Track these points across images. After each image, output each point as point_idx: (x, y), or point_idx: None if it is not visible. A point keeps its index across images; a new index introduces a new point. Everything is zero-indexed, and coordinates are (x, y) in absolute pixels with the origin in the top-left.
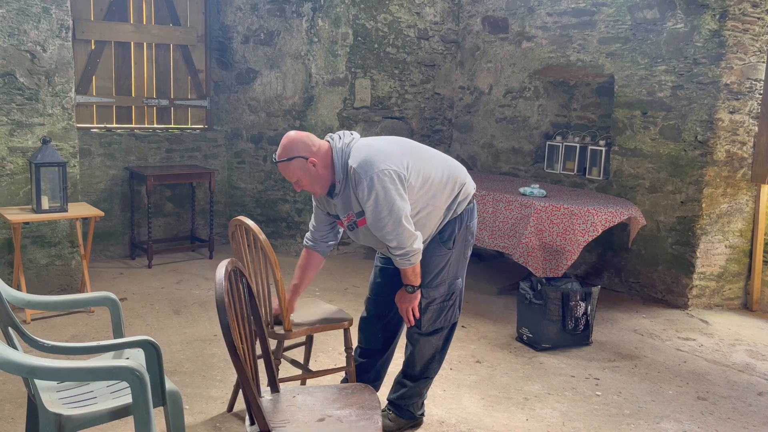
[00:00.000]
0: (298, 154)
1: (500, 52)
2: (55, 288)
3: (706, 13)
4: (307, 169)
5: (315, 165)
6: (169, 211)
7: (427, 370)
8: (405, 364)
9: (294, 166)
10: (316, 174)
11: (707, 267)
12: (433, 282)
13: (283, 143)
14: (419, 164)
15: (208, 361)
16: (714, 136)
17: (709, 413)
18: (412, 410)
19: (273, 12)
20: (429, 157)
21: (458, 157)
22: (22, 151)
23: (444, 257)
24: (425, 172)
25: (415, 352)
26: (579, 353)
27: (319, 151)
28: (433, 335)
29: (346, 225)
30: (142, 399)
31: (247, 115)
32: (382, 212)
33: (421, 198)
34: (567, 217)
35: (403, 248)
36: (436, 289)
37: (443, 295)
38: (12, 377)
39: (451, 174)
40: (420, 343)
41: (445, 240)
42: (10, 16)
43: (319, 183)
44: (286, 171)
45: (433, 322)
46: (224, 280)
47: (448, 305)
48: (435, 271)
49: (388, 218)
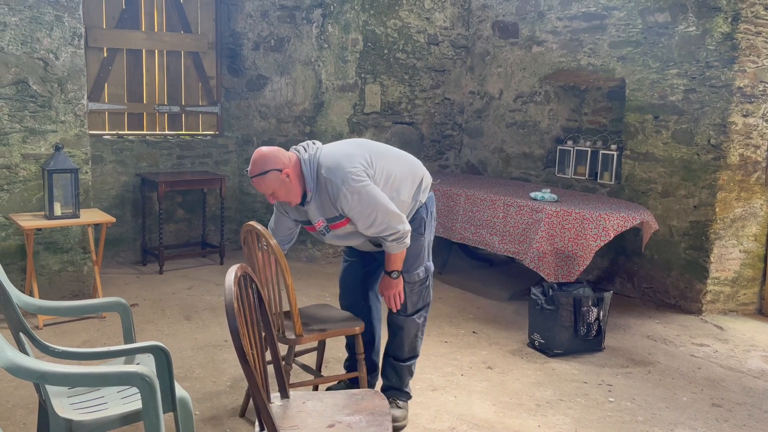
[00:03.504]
0: (273, 167)
1: (510, 57)
2: (67, 294)
3: (718, 16)
4: (281, 181)
5: (288, 176)
6: (180, 217)
7: (414, 348)
8: (392, 350)
9: (269, 179)
10: (290, 185)
11: (721, 272)
12: (412, 267)
13: (255, 159)
14: (381, 162)
15: (219, 366)
16: (727, 140)
17: (724, 420)
18: (408, 390)
19: (283, 18)
20: (387, 155)
21: (468, 162)
22: (35, 158)
23: (419, 243)
24: (387, 169)
25: (403, 335)
26: (591, 359)
27: (291, 162)
28: (416, 315)
29: (318, 230)
30: (152, 405)
31: (258, 121)
32: (368, 208)
33: (387, 193)
34: (578, 222)
35: (396, 231)
36: (416, 274)
37: (422, 279)
38: (23, 383)
39: (410, 167)
40: (406, 325)
41: (416, 227)
42: (23, 24)
43: (293, 193)
44: (260, 184)
45: (415, 304)
46: (234, 286)
47: (425, 286)
48: (414, 258)
49: (376, 211)
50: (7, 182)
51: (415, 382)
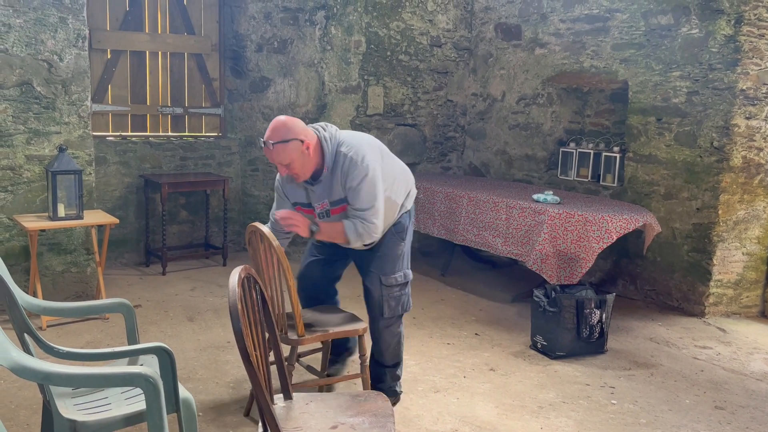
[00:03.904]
0: (295, 136)
1: (513, 59)
2: (71, 295)
3: (721, 18)
4: (301, 152)
5: (308, 149)
6: (183, 218)
7: (397, 355)
8: (377, 355)
9: (290, 148)
10: (308, 158)
11: (724, 274)
12: (391, 270)
13: (276, 126)
14: (388, 161)
15: (222, 368)
16: (730, 142)
17: (727, 423)
18: (396, 389)
19: (286, 20)
20: (392, 158)
21: (471, 164)
22: (39, 159)
23: (400, 248)
24: (391, 170)
25: (381, 344)
26: (594, 361)
27: (310, 137)
28: (393, 324)
29: (318, 212)
30: (155, 405)
31: (261, 122)
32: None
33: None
34: (581, 224)
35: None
36: (394, 278)
37: (401, 284)
38: (27, 383)
39: (405, 175)
40: (383, 335)
41: (399, 231)
42: (28, 26)
43: (308, 167)
44: (280, 153)
45: (393, 309)
46: (237, 287)
47: (404, 293)
48: (394, 261)
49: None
50: (11, 183)
51: (417, 384)
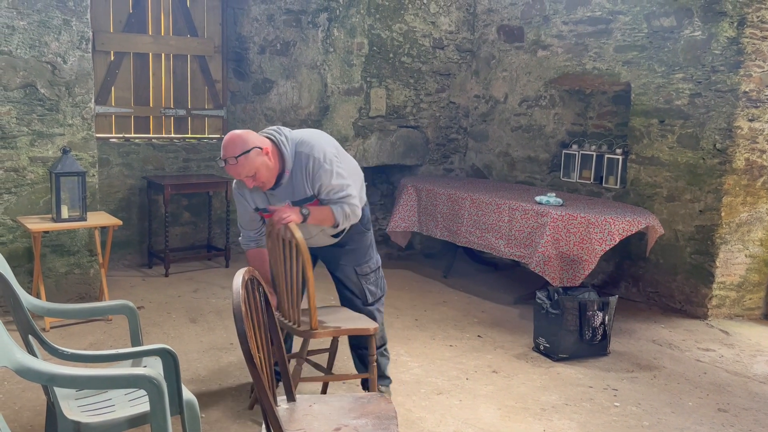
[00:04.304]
0: (254, 144)
1: (516, 61)
2: (74, 296)
3: (723, 20)
4: (263, 160)
5: (268, 154)
6: (186, 220)
7: (382, 337)
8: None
9: (252, 157)
10: (271, 164)
11: (727, 277)
12: (363, 260)
13: (232, 139)
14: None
15: (225, 369)
16: (733, 145)
17: (730, 425)
18: (387, 374)
19: (289, 23)
20: (342, 152)
21: (473, 166)
22: (43, 161)
23: (367, 237)
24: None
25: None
26: (597, 364)
27: (266, 143)
28: (376, 306)
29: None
30: (159, 407)
31: (264, 124)
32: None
33: None
34: (584, 226)
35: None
36: (367, 266)
37: (374, 269)
38: (31, 385)
39: (356, 168)
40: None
41: (365, 222)
42: (32, 28)
43: (273, 173)
44: (244, 165)
45: (374, 294)
46: (241, 289)
47: (379, 275)
48: (365, 251)
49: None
50: (15, 185)
51: (420, 386)
